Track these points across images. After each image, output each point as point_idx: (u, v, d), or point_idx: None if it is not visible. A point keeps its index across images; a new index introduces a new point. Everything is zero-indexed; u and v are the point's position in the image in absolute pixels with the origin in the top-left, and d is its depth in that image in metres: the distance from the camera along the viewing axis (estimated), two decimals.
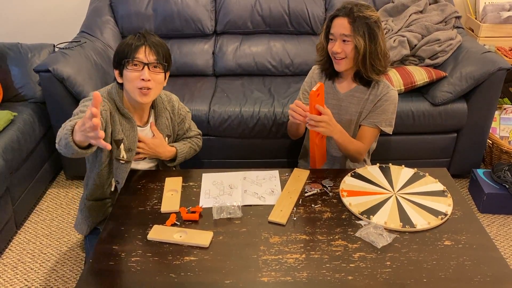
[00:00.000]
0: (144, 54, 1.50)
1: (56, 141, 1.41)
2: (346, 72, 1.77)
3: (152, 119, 1.70)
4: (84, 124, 1.17)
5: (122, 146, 1.60)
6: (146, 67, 1.50)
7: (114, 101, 1.59)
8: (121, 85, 1.59)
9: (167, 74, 1.61)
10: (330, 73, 1.81)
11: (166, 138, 1.73)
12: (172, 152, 1.74)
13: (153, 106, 1.70)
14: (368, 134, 1.78)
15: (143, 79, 1.50)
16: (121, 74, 1.56)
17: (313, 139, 1.67)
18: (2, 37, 2.75)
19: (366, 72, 1.69)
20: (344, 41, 1.64)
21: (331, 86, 1.82)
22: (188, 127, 1.84)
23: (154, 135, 1.69)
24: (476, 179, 2.36)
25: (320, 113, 1.57)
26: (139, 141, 1.64)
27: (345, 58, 1.67)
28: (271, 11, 2.70)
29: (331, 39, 1.69)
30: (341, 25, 1.64)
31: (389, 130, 1.78)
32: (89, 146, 1.35)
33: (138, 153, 1.66)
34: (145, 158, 1.71)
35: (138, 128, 1.65)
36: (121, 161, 1.62)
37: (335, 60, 1.70)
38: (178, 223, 1.40)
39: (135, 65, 1.51)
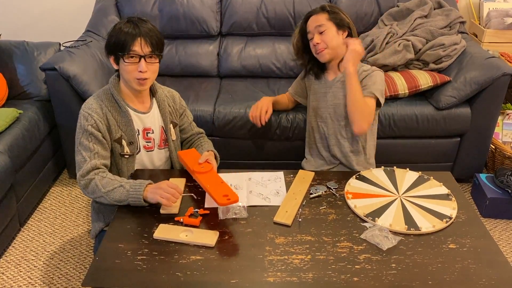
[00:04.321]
0: (140, 47, 1.51)
1: (86, 190, 1.54)
2: (330, 64, 1.87)
3: (155, 105, 1.71)
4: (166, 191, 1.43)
5: (123, 142, 1.62)
6: (142, 59, 1.53)
7: (112, 94, 1.60)
8: (117, 72, 1.61)
9: (161, 58, 1.62)
10: (316, 72, 1.93)
11: (171, 126, 1.74)
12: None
13: (153, 93, 1.71)
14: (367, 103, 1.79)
15: (140, 71, 1.53)
16: (116, 61, 1.57)
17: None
18: (8, 35, 2.76)
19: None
20: (321, 33, 1.76)
21: (320, 80, 1.92)
22: (191, 120, 1.86)
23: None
24: (478, 184, 2.37)
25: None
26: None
27: (326, 48, 1.78)
28: (276, 13, 2.71)
29: (310, 38, 1.80)
30: (314, 20, 1.79)
31: (382, 100, 1.79)
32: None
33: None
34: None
35: (143, 115, 1.66)
36: (125, 156, 1.64)
37: (317, 54, 1.81)
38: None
39: (132, 57, 1.53)
